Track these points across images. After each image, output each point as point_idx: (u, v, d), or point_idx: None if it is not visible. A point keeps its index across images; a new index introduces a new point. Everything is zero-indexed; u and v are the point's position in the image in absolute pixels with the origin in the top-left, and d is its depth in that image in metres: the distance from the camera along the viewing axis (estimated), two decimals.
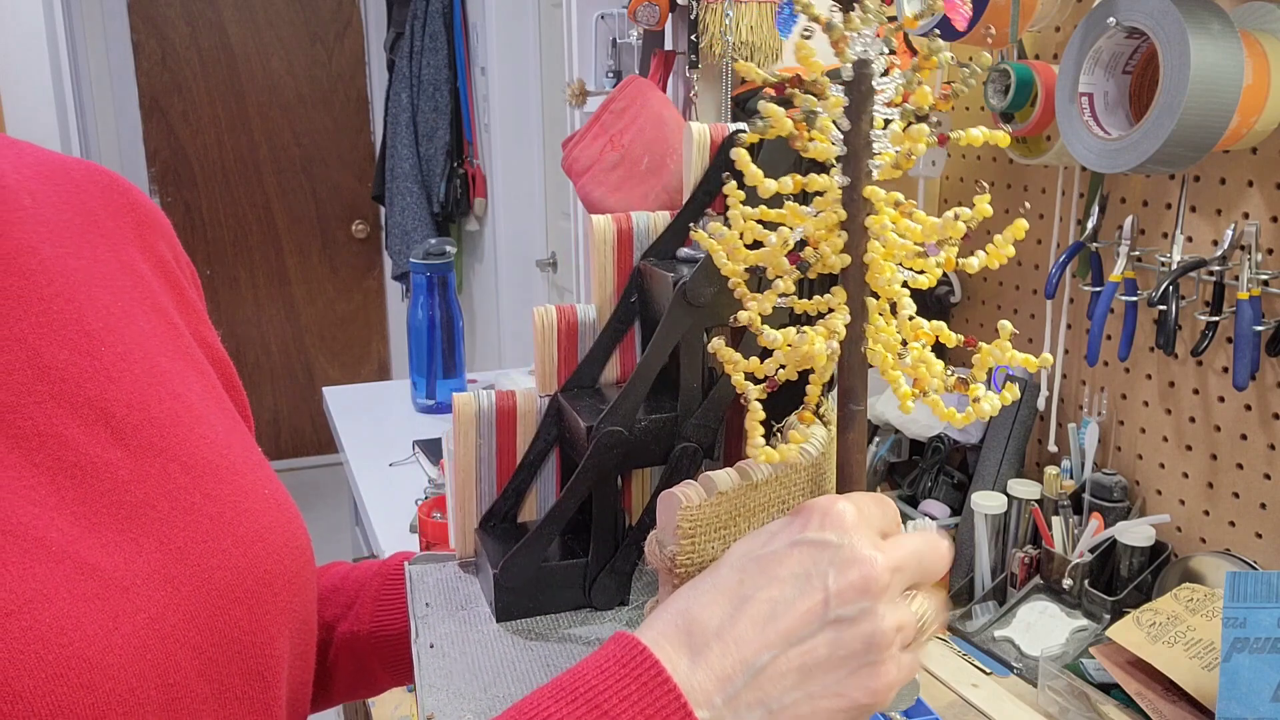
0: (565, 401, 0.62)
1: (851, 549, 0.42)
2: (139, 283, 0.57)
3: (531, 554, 0.59)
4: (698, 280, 0.56)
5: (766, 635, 0.41)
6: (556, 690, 0.41)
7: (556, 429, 0.63)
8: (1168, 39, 1.00)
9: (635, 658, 0.41)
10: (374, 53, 4.02)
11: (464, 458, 0.63)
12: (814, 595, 0.41)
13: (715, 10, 1.45)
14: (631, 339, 0.64)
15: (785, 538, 0.43)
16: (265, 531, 0.54)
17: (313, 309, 4.21)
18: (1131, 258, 1.24)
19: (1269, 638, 0.90)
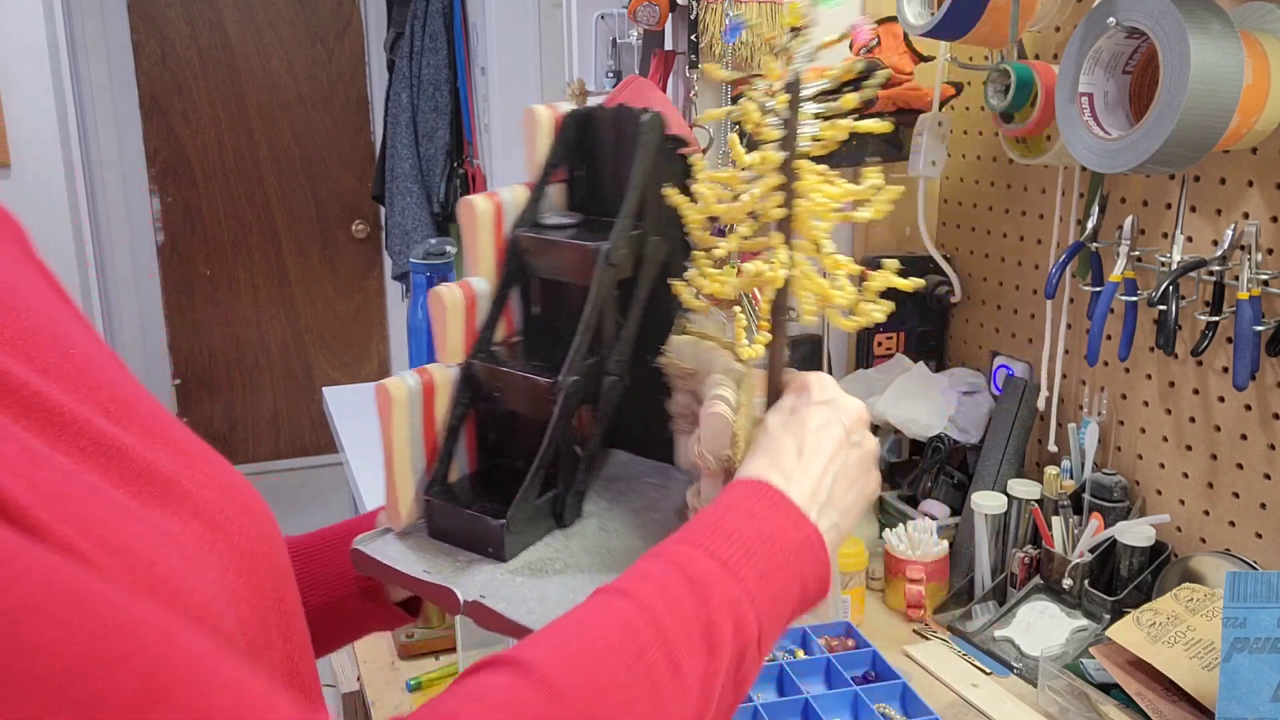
0: (491, 365, 0.72)
1: (844, 400, 0.65)
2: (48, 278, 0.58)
3: (528, 499, 0.70)
4: (616, 245, 0.69)
5: (822, 460, 0.62)
6: (718, 511, 0.59)
7: (471, 394, 0.74)
8: (1168, 39, 1.00)
9: (760, 488, 0.60)
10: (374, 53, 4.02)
11: (400, 438, 0.70)
12: (838, 431, 0.63)
13: (715, 10, 1.45)
14: (509, 302, 0.75)
15: (803, 405, 0.64)
16: (254, 501, 0.57)
17: (313, 309, 4.21)
18: (1131, 258, 1.24)
19: (1269, 638, 0.90)
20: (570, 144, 0.76)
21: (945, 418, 1.46)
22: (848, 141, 0.63)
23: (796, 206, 0.62)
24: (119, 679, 0.38)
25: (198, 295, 4.04)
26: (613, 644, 0.50)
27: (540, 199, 0.74)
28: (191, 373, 4.12)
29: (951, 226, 1.65)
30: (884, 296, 0.62)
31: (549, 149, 0.74)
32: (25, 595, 0.37)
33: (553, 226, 0.73)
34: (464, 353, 0.73)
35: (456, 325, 0.71)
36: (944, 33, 1.27)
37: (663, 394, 0.78)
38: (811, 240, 0.62)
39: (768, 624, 0.55)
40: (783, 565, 0.57)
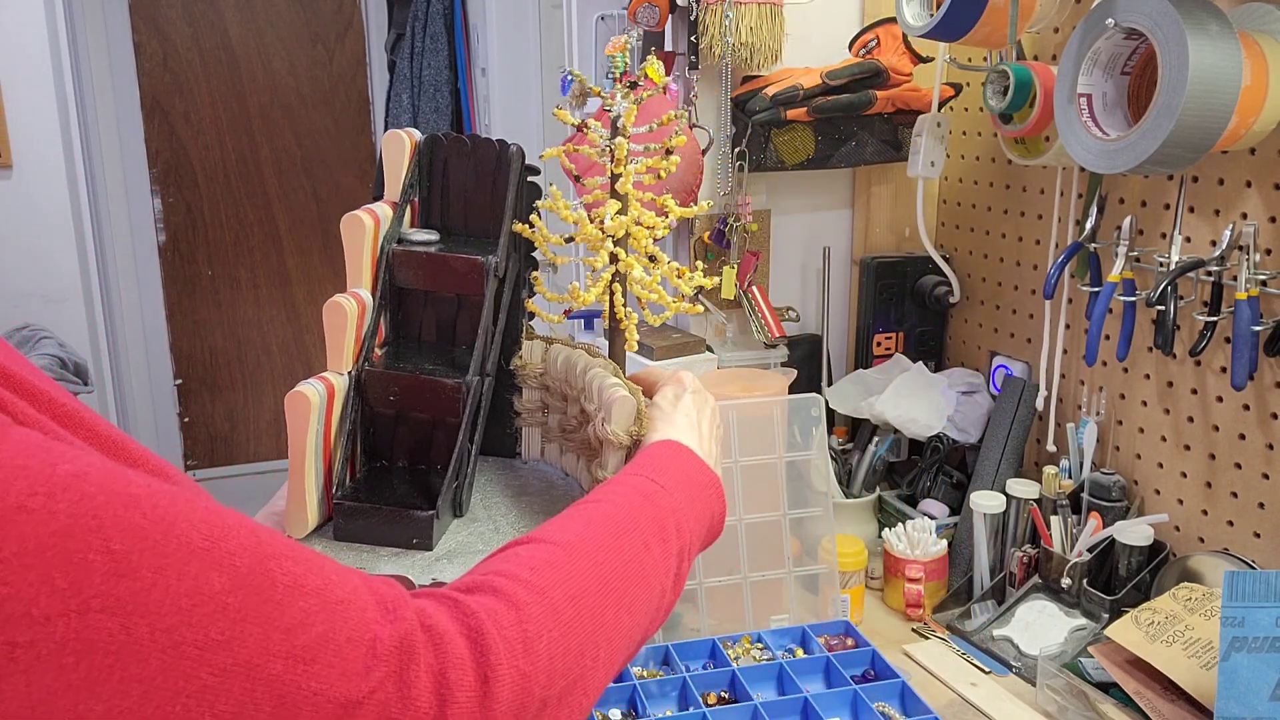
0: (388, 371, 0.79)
1: (705, 390, 0.87)
2: None
3: (448, 490, 0.77)
4: (501, 260, 0.79)
5: (705, 429, 0.83)
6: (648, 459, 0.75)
7: (361, 399, 0.80)
8: (1166, 40, 1.00)
9: (672, 445, 0.78)
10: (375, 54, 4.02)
11: (310, 442, 0.75)
12: (709, 413, 0.85)
13: (715, 11, 1.45)
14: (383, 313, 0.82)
15: (681, 394, 0.85)
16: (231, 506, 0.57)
17: (314, 309, 4.21)
18: (1130, 258, 1.24)
19: (1267, 637, 0.90)
20: (424, 167, 0.84)
21: (944, 417, 1.47)
22: (846, 142, 0.68)
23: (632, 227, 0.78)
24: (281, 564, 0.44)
25: (199, 295, 4.05)
26: (603, 525, 0.65)
27: (401, 216, 0.82)
28: (193, 373, 4.12)
29: (950, 227, 1.65)
30: (885, 292, 0.78)
31: (408, 171, 0.82)
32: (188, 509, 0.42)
33: (419, 242, 0.81)
34: (353, 360, 0.78)
35: (351, 334, 0.76)
36: (943, 34, 1.27)
37: (507, 394, 0.88)
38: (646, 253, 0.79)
39: (693, 539, 0.72)
40: (699, 498, 0.75)
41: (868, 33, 1.55)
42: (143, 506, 0.40)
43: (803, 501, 1.28)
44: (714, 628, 1.24)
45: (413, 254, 0.79)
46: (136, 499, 0.40)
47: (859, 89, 1.49)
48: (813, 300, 1.70)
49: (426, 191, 0.85)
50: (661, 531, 0.68)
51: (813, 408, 1.29)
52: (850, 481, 1.56)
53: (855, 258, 1.70)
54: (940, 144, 1.48)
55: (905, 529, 1.38)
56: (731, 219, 1.55)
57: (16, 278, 2.67)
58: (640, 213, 0.76)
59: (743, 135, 1.52)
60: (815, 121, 1.50)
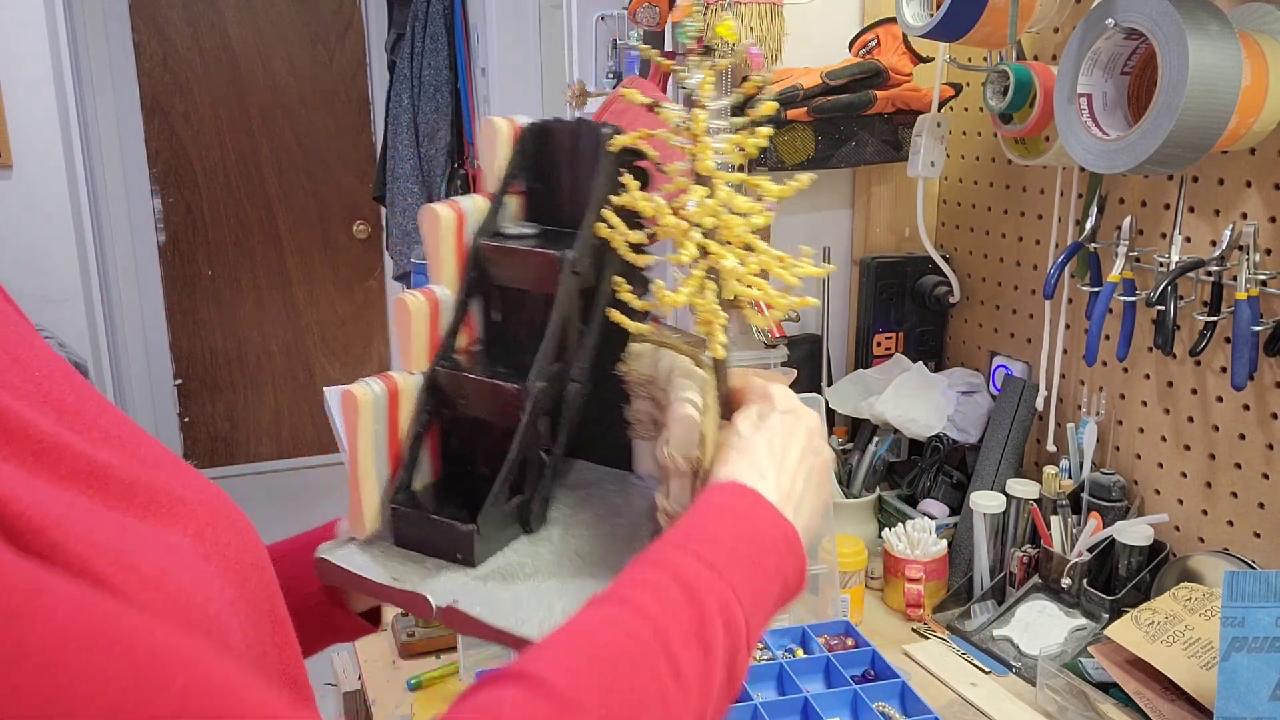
0: (456, 372, 0.74)
1: (804, 410, 0.70)
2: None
3: (497, 505, 0.71)
4: (580, 255, 0.71)
5: (792, 462, 0.66)
6: (702, 512, 0.62)
7: (436, 401, 0.74)
8: (1166, 40, 1.00)
9: (738, 489, 0.63)
10: (375, 54, 4.02)
11: (365, 444, 0.71)
12: (800, 438, 0.68)
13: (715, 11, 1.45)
14: (471, 310, 0.76)
15: (769, 413, 0.68)
16: (232, 510, 0.56)
17: (314, 309, 4.21)
18: (1130, 258, 1.24)
19: (1267, 637, 0.90)
20: (528, 156, 0.77)
21: (944, 417, 1.47)
22: (846, 142, 0.65)
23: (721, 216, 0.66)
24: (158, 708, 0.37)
25: (199, 295, 4.05)
26: (617, 653, 0.51)
27: (500, 209, 0.76)
28: (193, 373, 4.12)
29: (950, 227, 1.65)
30: (886, 294, 0.67)
31: (508, 160, 0.76)
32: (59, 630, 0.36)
33: (514, 236, 0.75)
34: (428, 360, 0.74)
35: (421, 333, 0.73)
36: (943, 34, 1.27)
37: (621, 402, 0.79)
38: (741, 244, 0.67)
39: (754, 620, 0.58)
40: (764, 562, 0.61)
41: (868, 33, 1.55)
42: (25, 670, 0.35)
43: None
44: None
45: (495, 248, 0.74)
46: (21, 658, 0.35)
47: (859, 89, 1.49)
48: None
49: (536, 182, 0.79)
50: (703, 638, 0.54)
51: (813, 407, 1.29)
52: (850, 481, 1.57)
53: (855, 258, 1.70)
54: (940, 144, 1.48)
55: (905, 529, 1.38)
56: None
57: (16, 278, 2.67)
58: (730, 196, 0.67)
59: None
60: (815, 121, 1.50)
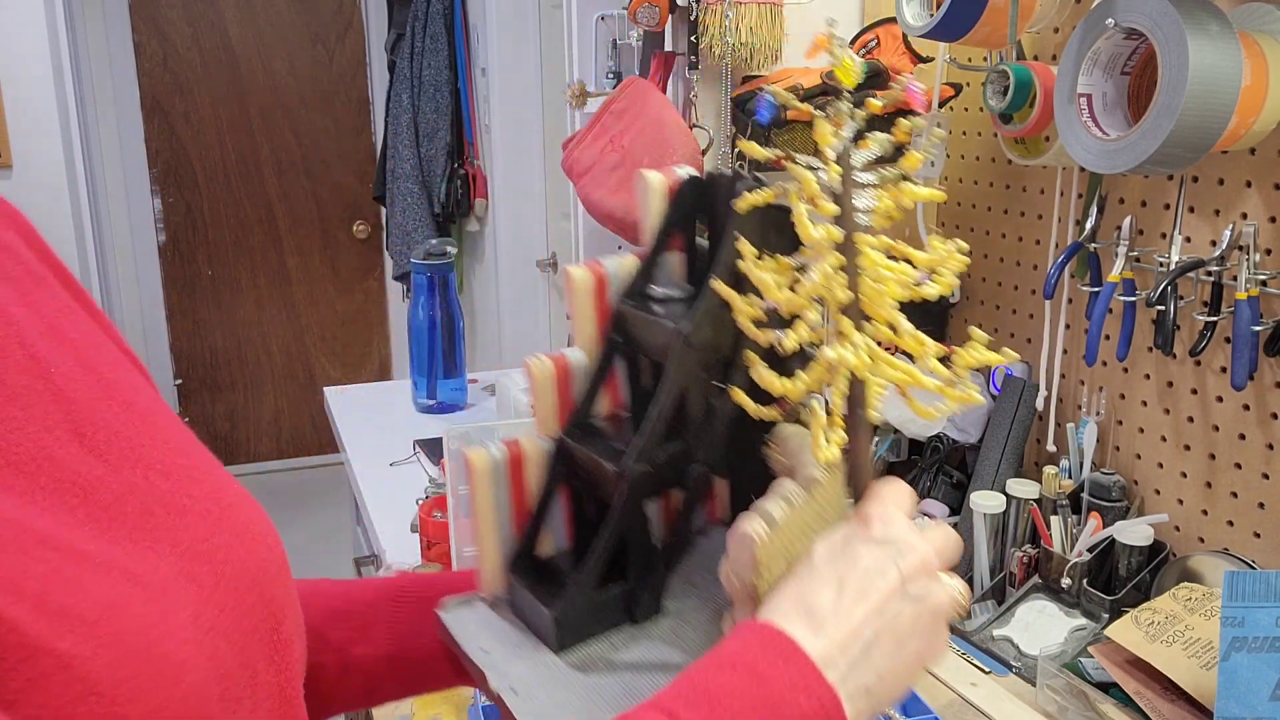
0: (573, 443, 0.68)
1: (907, 541, 0.54)
2: (53, 294, 0.56)
3: (583, 591, 0.66)
4: (698, 327, 0.63)
5: (865, 610, 0.51)
6: (711, 665, 0.51)
7: (565, 468, 0.69)
8: (1166, 40, 1.00)
9: (772, 637, 0.51)
10: (375, 54, 4.03)
11: (484, 507, 0.68)
12: (892, 577, 0.52)
13: (715, 11, 1.45)
14: (614, 374, 0.70)
15: (857, 540, 0.54)
16: (249, 523, 0.55)
17: (314, 309, 4.21)
18: (1130, 258, 1.24)
19: (1267, 637, 0.90)
20: (686, 211, 0.69)
21: (944, 417, 1.47)
22: None
23: (862, 286, 0.56)
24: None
25: (199, 295, 4.05)
26: None
27: (653, 268, 0.69)
28: (193, 373, 4.12)
29: (950, 227, 1.65)
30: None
31: (662, 216, 0.69)
32: None
33: (657, 299, 0.68)
34: (558, 424, 0.69)
35: (546, 398, 0.69)
36: (943, 34, 1.27)
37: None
38: (884, 321, 0.57)
39: None
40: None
41: (868, 33, 1.55)
42: None
43: None
44: None
45: (630, 313, 0.67)
46: None
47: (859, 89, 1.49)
48: None
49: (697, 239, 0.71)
50: None
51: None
52: None
53: None
54: (940, 144, 1.48)
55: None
56: None
57: None
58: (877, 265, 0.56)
59: (743, 135, 1.52)
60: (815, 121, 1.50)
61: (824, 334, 0.57)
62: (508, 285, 3.31)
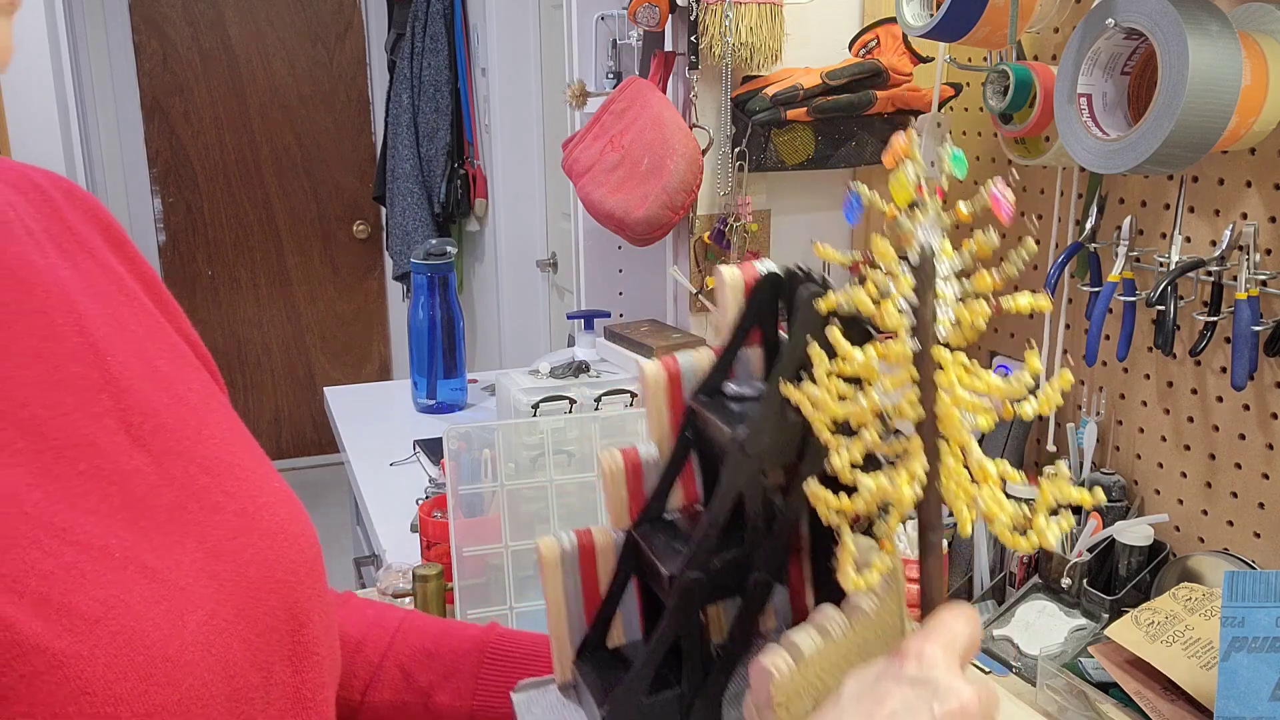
0: (640, 539, 0.68)
1: (947, 683, 0.48)
2: (122, 286, 0.57)
3: (632, 695, 0.65)
4: (755, 433, 0.61)
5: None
6: None
7: (635, 561, 0.69)
8: (1166, 40, 1.01)
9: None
10: (374, 54, 4.03)
11: (554, 595, 0.69)
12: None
13: (715, 11, 1.45)
14: (690, 468, 0.69)
15: (889, 678, 0.49)
16: (284, 523, 0.55)
17: (314, 309, 4.21)
18: (1130, 258, 1.24)
19: (1267, 637, 0.90)
20: (763, 307, 0.67)
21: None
22: (846, 142, 0.60)
23: (936, 403, 0.53)
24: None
25: (199, 295, 4.05)
26: None
27: (729, 364, 0.68)
28: None
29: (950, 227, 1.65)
30: None
31: (739, 312, 0.67)
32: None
33: (730, 397, 0.67)
34: (629, 518, 0.69)
35: (617, 494, 0.69)
36: (943, 34, 1.27)
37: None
38: (956, 443, 0.53)
39: None
40: None
41: (868, 33, 1.55)
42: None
43: None
44: None
45: (698, 410, 0.67)
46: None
47: (859, 89, 1.49)
48: None
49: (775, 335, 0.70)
50: None
51: None
52: None
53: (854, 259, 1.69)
54: (940, 144, 1.48)
55: (905, 529, 1.38)
56: (731, 219, 1.55)
57: None
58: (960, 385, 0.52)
59: (743, 135, 1.52)
60: (815, 121, 1.50)
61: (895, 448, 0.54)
62: (508, 285, 3.31)
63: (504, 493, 1.20)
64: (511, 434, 1.24)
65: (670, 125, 1.49)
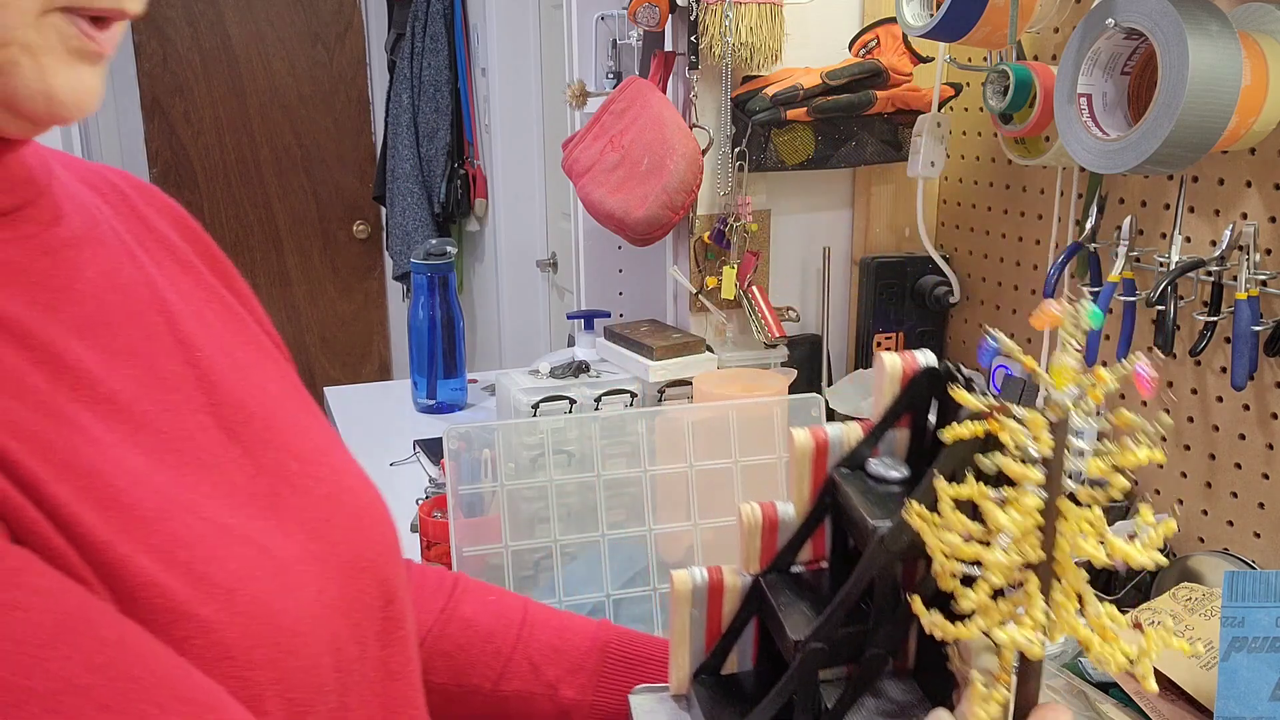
0: (767, 587, 0.73)
1: None
2: (201, 281, 0.60)
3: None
4: (895, 532, 0.64)
5: None
6: None
7: (758, 605, 0.75)
8: (1166, 40, 1.01)
9: None
10: (375, 54, 4.02)
11: (680, 621, 0.75)
12: None
13: (715, 11, 1.45)
14: (822, 529, 0.74)
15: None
16: (368, 505, 0.59)
17: (314, 309, 4.21)
18: (1130, 258, 1.24)
19: (1267, 637, 0.90)
20: (918, 398, 0.72)
21: None
22: (846, 142, 0.61)
23: (1058, 550, 0.56)
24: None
25: None
26: None
27: (876, 441, 0.72)
28: None
29: (950, 227, 1.65)
30: None
31: (893, 398, 0.71)
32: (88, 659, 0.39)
33: (873, 477, 0.71)
34: (759, 565, 0.75)
35: (751, 543, 0.74)
36: (943, 34, 1.27)
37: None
38: (1073, 589, 0.56)
39: None
40: None
41: (868, 33, 1.55)
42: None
43: None
44: None
45: (840, 483, 0.71)
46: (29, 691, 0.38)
47: (859, 89, 1.49)
48: (813, 300, 1.70)
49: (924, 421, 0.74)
50: None
51: (813, 408, 1.29)
52: None
53: (855, 258, 1.70)
54: (940, 144, 1.48)
55: None
56: (731, 219, 1.55)
57: None
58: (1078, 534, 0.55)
59: (743, 135, 1.52)
60: (815, 121, 1.50)
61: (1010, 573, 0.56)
62: (508, 285, 3.31)
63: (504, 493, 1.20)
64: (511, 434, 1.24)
65: (670, 125, 1.49)
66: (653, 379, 1.51)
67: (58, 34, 0.46)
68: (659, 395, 1.52)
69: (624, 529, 1.22)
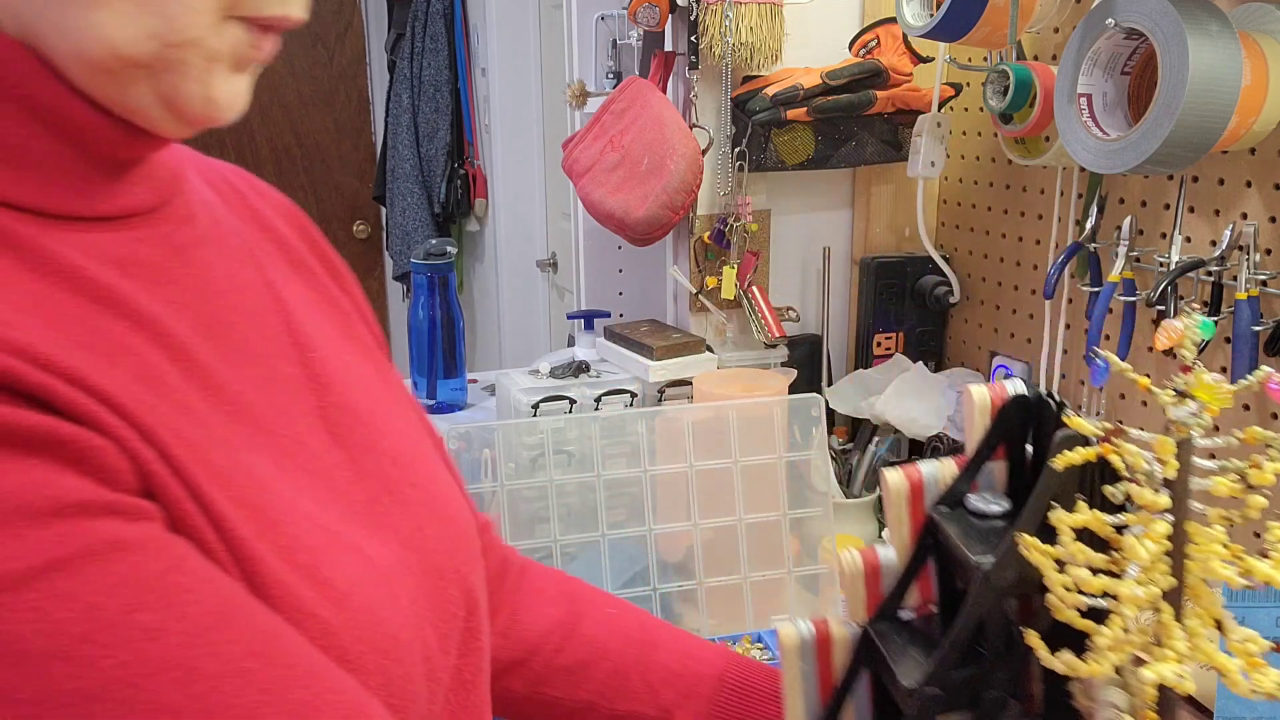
0: (876, 636, 0.71)
1: None
2: (314, 282, 0.61)
3: None
4: (1000, 567, 0.62)
5: None
6: None
7: (869, 656, 0.73)
8: (1166, 40, 1.01)
9: None
10: (374, 54, 4.02)
11: (791, 677, 0.73)
12: None
13: (715, 11, 1.45)
14: (928, 571, 0.72)
15: None
16: (457, 512, 0.59)
17: None
18: (1130, 258, 1.24)
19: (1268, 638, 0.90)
20: (1010, 428, 0.69)
21: (944, 417, 1.47)
22: (846, 142, 0.61)
23: (1188, 574, 0.54)
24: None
25: None
26: None
27: (973, 475, 0.70)
28: None
29: (950, 227, 1.65)
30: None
31: (984, 431, 0.69)
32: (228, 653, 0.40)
33: (974, 513, 0.69)
34: (866, 614, 0.72)
35: (855, 592, 0.72)
36: (943, 34, 1.27)
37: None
38: (1210, 614, 0.54)
39: None
40: None
41: (868, 33, 1.55)
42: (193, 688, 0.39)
43: (803, 501, 1.28)
44: (714, 627, 1.24)
45: (939, 522, 0.69)
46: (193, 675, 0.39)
47: (859, 89, 1.49)
48: (813, 300, 1.70)
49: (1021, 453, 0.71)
50: None
51: (813, 408, 1.29)
52: (850, 482, 1.57)
53: (855, 258, 1.70)
54: (940, 144, 1.48)
55: None
56: (731, 219, 1.55)
57: None
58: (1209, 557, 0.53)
59: (743, 135, 1.52)
60: (815, 121, 1.50)
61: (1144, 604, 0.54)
62: (508, 285, 3.31)
63: (504, 493, 1.20)
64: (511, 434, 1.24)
65: (670, 125, 1.49)
66: (653, 379, 1.51)
67: (233, 41, 0.48)
68: (659, 395, 1.52)
69: (624, 529, 1.22)
